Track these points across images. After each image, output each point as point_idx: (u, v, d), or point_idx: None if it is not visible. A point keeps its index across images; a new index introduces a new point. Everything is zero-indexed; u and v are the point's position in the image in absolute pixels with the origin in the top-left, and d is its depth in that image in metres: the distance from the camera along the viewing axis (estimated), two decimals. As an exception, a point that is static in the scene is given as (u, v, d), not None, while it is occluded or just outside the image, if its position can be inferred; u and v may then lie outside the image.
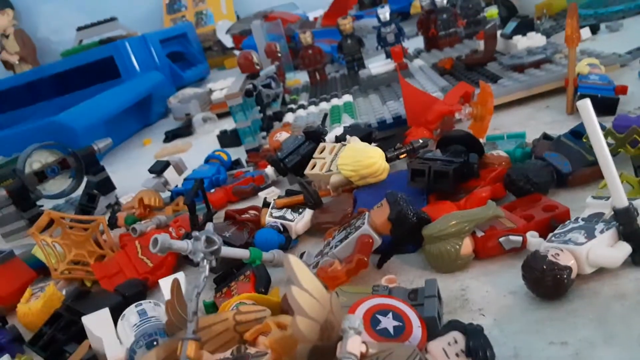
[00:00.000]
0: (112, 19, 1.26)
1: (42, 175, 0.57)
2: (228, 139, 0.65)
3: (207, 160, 0.56)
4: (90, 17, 1.39)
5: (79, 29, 1.29)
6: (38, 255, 0.41)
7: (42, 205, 0.60)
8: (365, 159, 0.37)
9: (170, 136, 0.83)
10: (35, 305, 0.37)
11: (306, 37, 0.82)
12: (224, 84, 0.94)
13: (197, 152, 0.69)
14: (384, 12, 0.82)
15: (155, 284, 0.36)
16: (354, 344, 0.22)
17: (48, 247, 0.40)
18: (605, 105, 0.42)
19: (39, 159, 0.57)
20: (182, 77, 1.15)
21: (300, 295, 0.22)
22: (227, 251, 0.31)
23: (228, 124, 0.74)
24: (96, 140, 0.61)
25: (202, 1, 1.45)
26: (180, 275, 0.32)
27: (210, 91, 0.92)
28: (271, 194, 0.46)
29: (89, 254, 0.42)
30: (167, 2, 1.48)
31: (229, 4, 1.42)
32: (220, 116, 0.85)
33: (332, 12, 1.08)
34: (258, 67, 0.61)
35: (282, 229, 0.37)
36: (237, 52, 1.36)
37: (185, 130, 0.84)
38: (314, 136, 0.45)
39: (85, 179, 0.59)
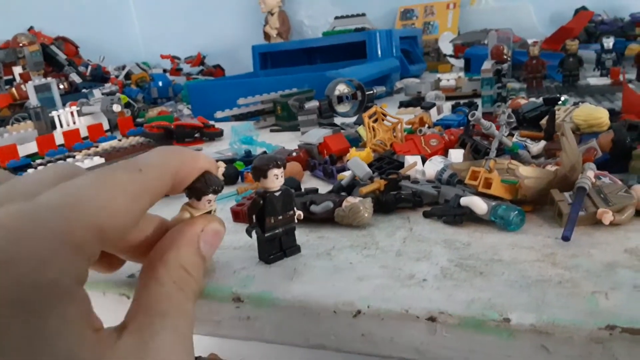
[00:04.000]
0: (362, 15, 1.59)
1: (340, 99, 0.84)
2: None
3: (453, 111, 0.80)
4: (340, 10, 1.74)
5: (336, 17, 1.65)
6: (360, 132, 0.67)
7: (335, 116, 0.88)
8: (596, 114, 0.56)
9: (405, 104, 1.08)
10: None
11: (534, 50, 1.01)
12: (449, 77, 1.17)
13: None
14: (609, 42, 0.98)
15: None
16: (590, 174, 0.42)
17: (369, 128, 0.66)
18: None
19: (340, 89, 0.85)
20: (408, 69, 1.41)
21: (569, 141, 0.42)
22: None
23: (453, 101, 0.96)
24: (374, 86, 0.88)
25: (432, 14, 1.70)
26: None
27: (439, 79, 1.16)
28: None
29: (388, 139, 0.67)
30: (402, 10, 1.76)
31: (454, 19, 1.66)
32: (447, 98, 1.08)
33: (554, 38, 1.25)
34: (506, 57, 0.82)
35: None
36: (450, 60, 1.59)
37: (416, 101, 1.08)
38: (551, 101, 0.65)
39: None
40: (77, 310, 0.18)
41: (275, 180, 0.34)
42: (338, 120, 0.85)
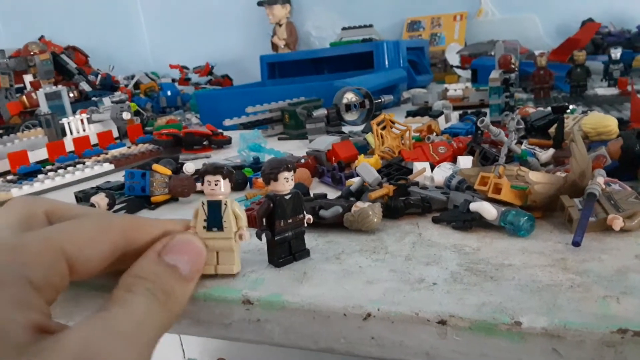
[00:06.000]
0: (370, 26, 1.60)
1: (348, 108, 0.85)
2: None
3: (461, 120, 0.80)
4: (347, 21, 1.76)
5: (344, 28, 1.66)
6: (369, 140, 0.68)
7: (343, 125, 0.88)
8: (605, 122, 0.56)
9: (412, 114, 1.09)
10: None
11: (542, 60, 1.02)
12: (456, 87, 1.17)
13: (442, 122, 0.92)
14: (616, 52, 0.98)
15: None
16: (600, 180, 0.42)
17: (377, 135, 0.66)
18: None
19: (348, 97, 0.86)
20: (415, 80, 1.41)
21: (579, 148, 0.42)
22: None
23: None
24: (382, 95, 0.89)
25: (438, 25, 1.71)
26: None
27: (447, 89, 1.16)
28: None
29: (396, 147, 0.67)
30: (409, 22, 1.77)
31: (461, 31, 1.67)
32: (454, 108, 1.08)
33: (561, 49, 1.25)
34: (513, 67, 0.82)
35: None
36: (457, 71, 1.60)
37: (423, 111, 1.09)
38: (559, 110, 0.65)
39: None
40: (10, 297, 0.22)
41: (286, 183, 0.34)
42: (346, 128, 0.85)
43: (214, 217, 0.31)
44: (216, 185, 0.31)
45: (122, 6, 2.29)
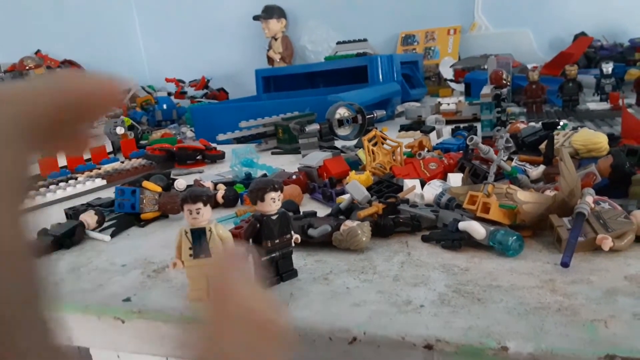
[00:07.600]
0: (364, 40, 1.61)
1: (340, 123, 0.85)
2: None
3: (453, 135, 0.80)
4: (342, 35, 1.77)
5: (338, 43, 1.67)
6: (360, 156, 0.68)
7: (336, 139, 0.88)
8: (595, 139, 0.56)
9: (406, 128, 1.09)
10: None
11: (534, 75, 1.02)
12: (449, 101, 1.18)
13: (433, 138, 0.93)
14: (608, 67, 0.98)
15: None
16: (589, 199, 0.42)
17: (368, 152, 0.66)
18: None
19: (340, 112, 0.86)
20: (409, 93, 1.42)
21: (567, 167, 0.42)
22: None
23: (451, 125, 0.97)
24: (375, 110, 0.89)
25: (432, 39, 1.72)
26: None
27: (440, 103, 1.16)
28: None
29: (387, 163, 0.67)
30: (403, 36, 1.78)
31: (455, 45, 1.68)
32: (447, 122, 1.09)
33: (554, 63, 1.26)
34: (505, 82, 0.83)
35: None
36: (451, 84, 1.60)
37: (416, 125, 1.09)
38: (550, 126, 0.65)
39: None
40: None
41: (272, 203, 0.34)
42: (339, 143, 0.85)
43: (200, 244, 0.31)
44: (198, 213, 0.30)
45: (119, 21, 2.30)
